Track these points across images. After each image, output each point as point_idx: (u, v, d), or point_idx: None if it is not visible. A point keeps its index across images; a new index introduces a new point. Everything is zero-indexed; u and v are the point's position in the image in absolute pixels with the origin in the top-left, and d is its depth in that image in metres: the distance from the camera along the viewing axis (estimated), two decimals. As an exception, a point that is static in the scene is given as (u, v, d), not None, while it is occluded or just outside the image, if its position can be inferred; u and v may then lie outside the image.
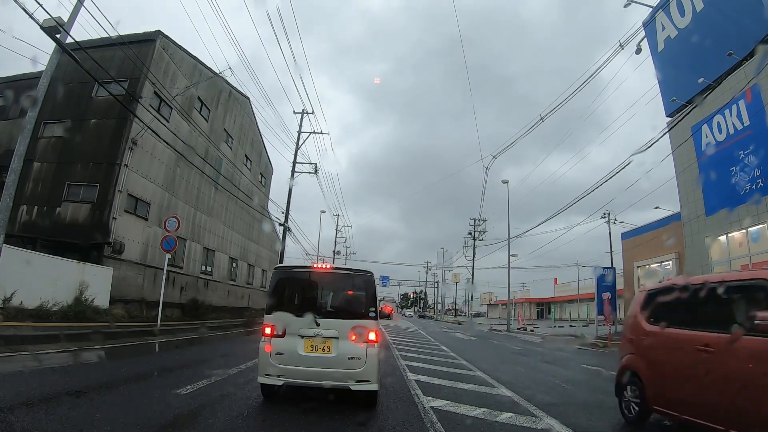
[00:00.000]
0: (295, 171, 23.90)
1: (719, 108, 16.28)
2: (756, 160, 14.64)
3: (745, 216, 14.85)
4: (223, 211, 24.99)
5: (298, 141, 23.99)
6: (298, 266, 5.86)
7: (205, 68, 21.18)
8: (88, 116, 16.73)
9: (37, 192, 16.07)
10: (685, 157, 18.42)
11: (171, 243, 14.19)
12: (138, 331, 10.66)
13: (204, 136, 20.30)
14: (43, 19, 8.48)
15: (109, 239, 15.17)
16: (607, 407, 5.86)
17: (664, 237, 19.80)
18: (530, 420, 4.84)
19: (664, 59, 19.42)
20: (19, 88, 15.14)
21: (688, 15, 17.66)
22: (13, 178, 8.65)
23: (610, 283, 23.72)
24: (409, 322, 42.38)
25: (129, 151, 16.13)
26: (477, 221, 41.22)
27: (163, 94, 17.37)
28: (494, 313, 68.63)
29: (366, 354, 4.83)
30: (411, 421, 4.60)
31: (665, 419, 4.58)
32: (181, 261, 19.90)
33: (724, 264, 16.24)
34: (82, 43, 10.04)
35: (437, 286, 73.48)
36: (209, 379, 6.22)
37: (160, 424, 4.05)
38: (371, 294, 5.24)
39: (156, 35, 17.45)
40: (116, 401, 4.83)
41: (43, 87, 9.04)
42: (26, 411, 4.00)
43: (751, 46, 14.04)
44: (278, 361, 4.79)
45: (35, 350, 6.42)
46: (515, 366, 10.18)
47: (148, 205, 17.62)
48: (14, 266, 9.98)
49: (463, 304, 71.66)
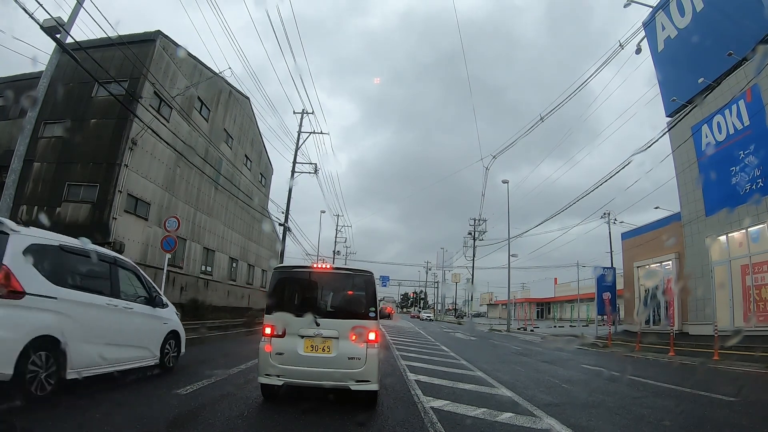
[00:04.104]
0: (295, 171, 23.91)
1: (719, 108, 16.28)
2: (756, 160, 14.64)
3: (745, 216, 14.85)
4: (223, 211, 24.99)
5: (298, 141, 23.99)
6: (298, 266, 5.86)
7: (205, 68, 21.18)
8: (88, 116, 16.72)
9: (37, 192, 16.07)
10: (685, 157, 18.42)
11: (171, 243, 14.17)
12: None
13: (204, 136, 20.30)
14: (43, 19, 8.47)
15: (109, 239, 15.15)
16: (608, 407, 5.86)
17: (664, 237, 19.80)
18: (530, 420, 4.84)
19: (664, 59, 19.42)
20: (19, 88, 15.13)
21: (688, 15, 17.66)
22: (13, 178, 8.64)
23: (610, 283, 23.72)
24: (410, 322, 42.35)
25: (129, 151, 16.13)
26: (477, 221, 41.22)
27: (163, 94, 17.37)
28: (494, 313, 68.62)
29: (366, 354, 4.83)
30: (411, 421, 4.60)
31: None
32: (181, 261, 19.90)
33: (724, 264, 16.25)
34: (82, 43, 10.03)
35: (437, 286, 73.55)
36: (209, 379, 6.22)
37: (160, 424, 4.05)
38: (371, 294, 5.24)
39: (156, 35, 17.45)
40: (116, 401, 4.84)
41: (43, 87, 9.03)
42: (26, 411, 4.00)
43: (751, 46, 14.03)
44: (278, 361, 4.79)
45: None
46: (515, 366, 10.17)
47: (148, 205, 17.62)
48: (14, 266, 9.95)
49: (463, 304, 71.65)
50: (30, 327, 4.25)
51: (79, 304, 4.94)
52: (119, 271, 5.92)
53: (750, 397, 6.90)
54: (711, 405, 6.14)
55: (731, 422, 5.21)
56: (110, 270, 5.73)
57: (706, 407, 6.00)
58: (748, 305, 14.92)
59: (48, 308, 4.47)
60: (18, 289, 4.18)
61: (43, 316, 4.42)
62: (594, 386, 7.66)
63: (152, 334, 6.41)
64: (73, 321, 4.74)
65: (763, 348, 10.45)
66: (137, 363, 5.99)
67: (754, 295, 14.64)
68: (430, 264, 72.62)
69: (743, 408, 6.12)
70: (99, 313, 5.25)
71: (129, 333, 5.85)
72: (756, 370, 9.67)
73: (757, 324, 13.99)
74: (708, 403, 6.29)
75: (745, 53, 14.45)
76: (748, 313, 14.68)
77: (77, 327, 4.79)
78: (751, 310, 14.63)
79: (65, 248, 5.05)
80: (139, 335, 6.07)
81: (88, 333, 4.98)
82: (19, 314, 4.20)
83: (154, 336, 6.44)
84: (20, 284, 4.21)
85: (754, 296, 14.66)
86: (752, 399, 6.80)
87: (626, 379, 8.68)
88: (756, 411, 6.05)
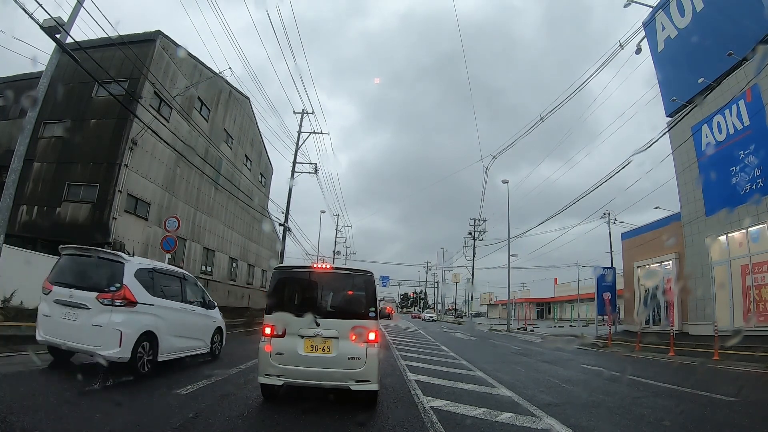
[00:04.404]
0: (296, 171, 23.90)
1: (719, 108, 16.28)
2: (756, 160, 14.63)
3: (745, 216, 14.85)
4: (223, 211, 24.99)
5: (298, 141, 23.99)
6: (298, 266, 5.86)
7: (205, 68, 21.18)
8: (88, 116, 16.73)
9: (37, 192, 16.08)
10: (685, 157, 18.42)
11: (171, 243, 14.19)
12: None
13: (204, 136, 20.30)
14: (43, 19, 8.47)
15: (109, 239, 15.14)
16: (608, 407, 5.87)
17: (664, 237, 19.79)
18: (530, 420, 4.84)
19: (664, 59, 19.41)
20: (19, 88, 15.13)
21: (688, 15, 17.65)
22: (13, 178, 8.65)
23: (610, 283, 23.71)
24: (410, 322, 42.34)
25: (129, 151, 16.13)
26: (477, 221, 41.21)
27: (163, 94, 17.37)
28: (494, 313, 68.61)
29: (366, 354, 4.83)
30: (411, 421, 4.60)
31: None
32: (181, 261, 19.89)
33: (724, 264, 16.24)
34: (82, 43, 10.03)
35: (437, 286, 73.51)
36: (209, 379, 6.22)
37: (161, 424, 4.05)
38: (371, 294, 5.24)
39: (156, 35, 17.45)
40: (116, 401, 4.84)
41: (43, 87, 9.03)
42: (27, 411, 4.01)
43: (751, 46, 14.03)
44: (278, 361, 4.79)
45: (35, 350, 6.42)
46: (515, 366, 10.18)
47: (148, 205, 17.62)
48: (14, 266, 9.97)
49: (463, 304, 71.65)
50: (140, 325, 6.11)
51: (166, 308, 6.79)
52: (186, 282, 7.84)
53: (750, 397, 6.90)
54: (711, 405, 6.14)
55: (731, 422, 5.22)
56: (180, 282, 7.67)
57: (706, 407, 6.00)
58: (748, 305, 14.91)
59: (149, 312, 6.32)
60: (132, 300, 6.07)
61: (147, 318, 6.26)
62: (594, 386, 7.66)
63: (206, 329, 8.24)
64: (162, 320, 6.57)
65: (763, 348, 10.45)
66: (196, 351, 7.82)
67: (754, 295, 14.64)
68: (430, 264, 72.67)
69: (743, 408, 6.12)
70: (176, 314, 7.13)
71: (192, 328, 7.68)
72: (756, 370, 9.67)
73: (757, 324, 13.98)
74: (708, 403, 6.29)
75: (745, 53, 14.44)
76: (748, 313, 14.68)
77: (165, 324, 6.63)
78: (751, 310, 14.62)
79: (156, 269, 6.99)
80: (198, 330, 7.91)
81: (170, 329, 6.81)
82: (134, 317, 6.04)
83: (207, 331, 8.27)
84: (134, 296, 6.09)
85: (754, 296, 14.65)
86: (752, 399, 6.80)
87: (626, 379, 8.68)
88: (756, 411, 6.05)
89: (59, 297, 5.95)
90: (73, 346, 5.88)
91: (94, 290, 5.91)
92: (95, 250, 6.49)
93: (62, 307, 5.88)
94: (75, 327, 5.78)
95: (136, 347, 5.93)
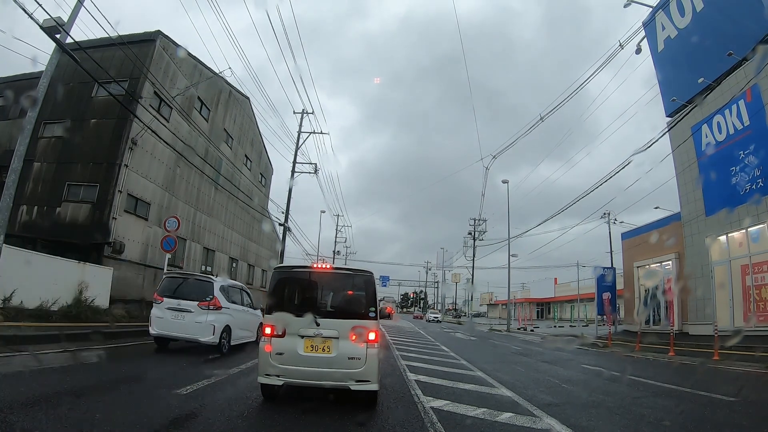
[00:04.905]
0: (296, 171, 23.92)
1: (719, 108, 16.28)
2: (756, 160, 14.64)
3: (745, 216, 14.85)
4: (223, 211, 24.98)
5: (298, 140, 24.00)
6: (298, 266, 5.86)
7: (205, 68, 21.17)
8: (88, 116, 16.70)
9: (37, 192, 16.06)
10: (685, 157, 18.42)
11: (171, 243, 14.20)
12: (138, 332, 10.64)
13: (204, 136, 20.29)
14: (43, 19, 8.47)
15: (109, 239, 15.16)
16: (608, 407, 5.87)
17: (664, 237, 19.79)
18: (530, 420, 4.84)
19: (664, 59, 19.42)
20: (19, 88, 15.10)
21: (688, 15, 17.66)
22: (13, 178, 8.65)
23: (610, 283, 23.72)
24: (410, 322, 42.33)
25: (129, 151, 16.11)
26: (477, 221, 41.21)
27: (163, 94, 17.35)
28: (494, 313, 68.61)
29: (366, 354, 4.82)
30: (411, 421, 4.60)
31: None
32: (181, 261, 19.89)
33: (724, 264, 16.24)
34: (82, 43, 10.03)
35: (437, 286, 73.53)
36: (209, 379, 6.22)
37: (160, 424, 4.05)
38: (371, 294, 5.23)
39: (156, 35, 17.43)
40: (116, 401, 4.84)
41: (43, 87, 9.03)
42: (27, 411, 4.00)
43: (751, 46, 14.03)
44: (278, 361, 4.79)
45: (35, 350, 6.42)
46: (515, 366, 10.18)
47: (148, 205, 17.60)
48: (14, 266, 9.96)
49: (463, 304, 71.63)
50: (224, 321, 9.25)
51: (235, 310, 9.97)
52: (243, 292, 11.10)
53: (750, 397, 6.90)
54: (711, 405, 6.14)
55: (731, 422, 5.22)
56: (240, 292, 10.89)
57: (706, 407, 6.00)
58: (748, 305, 14.91)
59: (227, 313, 9.44)
60: (219, 306, 9.21)
61: (226, 317, 9.37)
62: (594, 386, 7.67)
63: (254, 324, 10.88)
64: (234, 318, 9.73)
65: (763, 348, 10.45)
66: (249, 339, 10.69)
67: (754, 295, 14.64)
68: (430, 264, 72.73)
69: (743, 408, 6.12)
70: (240, 314, 10.25)
71: (247, 323, 10.67)
72: (756, 370, 9.67)
73: (757, 324, 13.98)
74: (708, 403, 6.29)
75: (745, 53, 14.44)
76: (748, 313, 14.68)
77: (234, 321, 9.74)
78: (751, 310, 14.62)
79: (231, 285, 10.54)
80: (250, 324, 10.80)
81: (237, 324, 9.94)
82: (220, 316, 9.18)
83: (254, 325, 10.88)
84: (220, 303, 9.25)
85: (754, 296, 14.65)
86: (752, 399, 6.80)
87: (626, 379, 8.68)
88: (756, 411, 6.06)
89: (170, 305, 8.84)
90: (180, 336, 8.84)
91: (195, 300, 8.93)
92: (189, 274, 10.94)
93: (172, 311, 8.81)
94: (182, 324, 8.77)
95: (221, 336, 9.07)
